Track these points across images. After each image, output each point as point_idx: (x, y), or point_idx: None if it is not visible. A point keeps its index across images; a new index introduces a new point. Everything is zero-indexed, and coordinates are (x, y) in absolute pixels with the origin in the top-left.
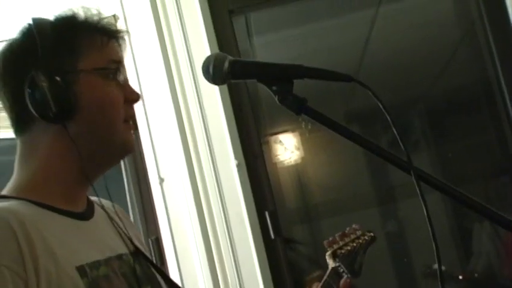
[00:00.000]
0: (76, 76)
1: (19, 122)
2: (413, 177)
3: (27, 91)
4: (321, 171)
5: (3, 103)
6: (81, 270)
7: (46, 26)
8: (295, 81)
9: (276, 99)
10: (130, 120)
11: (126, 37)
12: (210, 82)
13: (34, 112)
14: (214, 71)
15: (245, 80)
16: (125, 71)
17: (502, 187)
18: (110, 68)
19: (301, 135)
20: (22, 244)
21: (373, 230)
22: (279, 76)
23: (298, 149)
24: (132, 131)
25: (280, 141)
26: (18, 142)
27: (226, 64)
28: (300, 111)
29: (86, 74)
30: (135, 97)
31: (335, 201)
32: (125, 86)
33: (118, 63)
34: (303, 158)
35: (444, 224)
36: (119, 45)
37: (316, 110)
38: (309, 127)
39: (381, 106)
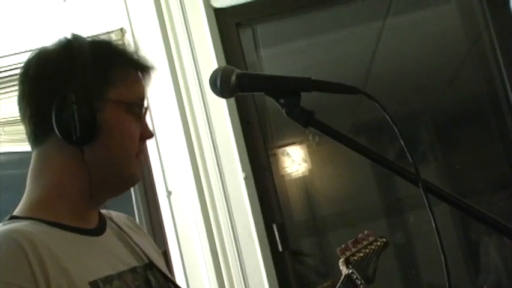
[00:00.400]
0: (104, 104)
1: (37, 133)
2: (421, 189)
3: (55, 107)
4: (329, 184)
5: (23, 110)
6: (94, 285)
7: (86, 48)
8: (303, 93)
9: (284, 111)
10: (141, 155)
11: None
12: (217, 95)
13: (57, 131)
14: (221, 84)
15: (252, 93)
16: (146, 109)
17: (509, 199)
18: (136, 104)
19: (309, 147)
20: (34, 264)
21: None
22: (287, 89)
23: (305, 161)
24: (141, 165)
25: (288, 154)
26: (33, 154)
27: (234, 77)
28: (307, 124)
29: (113, 104)
30: (150, 135)
31: (342, 214)
32: (143, 122)
33: (142, 100)
34: (310, 170)
35: (452, 236)
36: (146, 83)
37: (324, 122)
38: (317, 139)
39: (388, 118)
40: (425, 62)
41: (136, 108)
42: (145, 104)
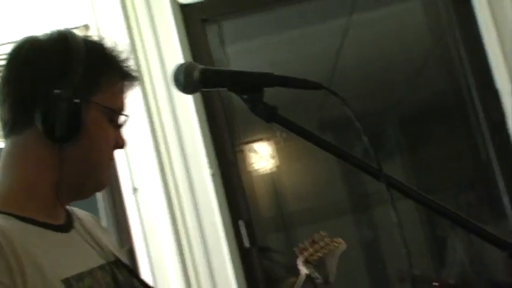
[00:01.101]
0: (89, 106)
1: (16, 122)
2: (383, 184)
3: (43, 100)
4: (297, 180)
5: (4, 95)
6: (67, 282)
7: (82, 46)
8: (271, 89)
9: (247, 107)
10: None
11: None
12: (180, 91)
13: (40, 124)
14: (184, 80)
15: (216, 88)
16: (126, 120)
17: (473, 194)
18: (117, 113)
19: (276, 143)
20: (10, 259)
21: (347, 237)
22: (250, 84)
23: (273, 157)
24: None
25: (255, 150)
26: (6, 142)
27: (197, 73)
28: (270, 119)
29: (98, 108)
30: (123, 145)
31: (310, 209)
32: (119, 132)
33: (123, 110)
34: (278, 167)
35: (419, 230)
36: (127, 95)
37: (287, 118)
38: (284, 135)
39: (350, 114)
40: (390, 58)
41: (116, 116)
42: (124, 115)
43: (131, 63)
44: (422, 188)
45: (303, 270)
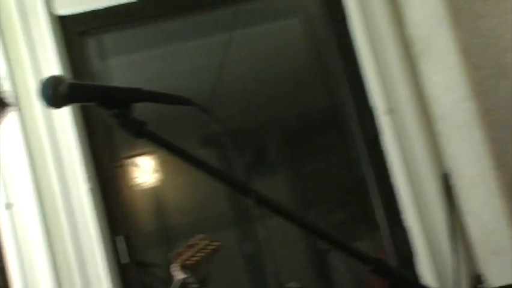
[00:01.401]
0: None
1: None
2: (250, 201)
3: None
4: (180, 193)
5: None
6: None
7: None
8: (153, 106)
9: (115, 122)
10: None
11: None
12: (46, 105)
13: None
14: (50, 94)
15: (84, 103)
16: None
17: (350, 209)
18: None
19: (160, 158)
20: None
21: (230, 250)
22: (117, 100)
23: (157, 171)
24: None
25: (138, 164)
26: None
27: (63, 87)
28: (139, 135)
29: None
30: None
31: (193, 223)
32: None
33: None
34: (161, 181)
35: (301, 244)
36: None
37: (156, 134)
38: None
39: (219, 130)
40: (273, 74)
41: None
42: None
43: (3, 90)
44: (302, 203)
45: (179, 275)
